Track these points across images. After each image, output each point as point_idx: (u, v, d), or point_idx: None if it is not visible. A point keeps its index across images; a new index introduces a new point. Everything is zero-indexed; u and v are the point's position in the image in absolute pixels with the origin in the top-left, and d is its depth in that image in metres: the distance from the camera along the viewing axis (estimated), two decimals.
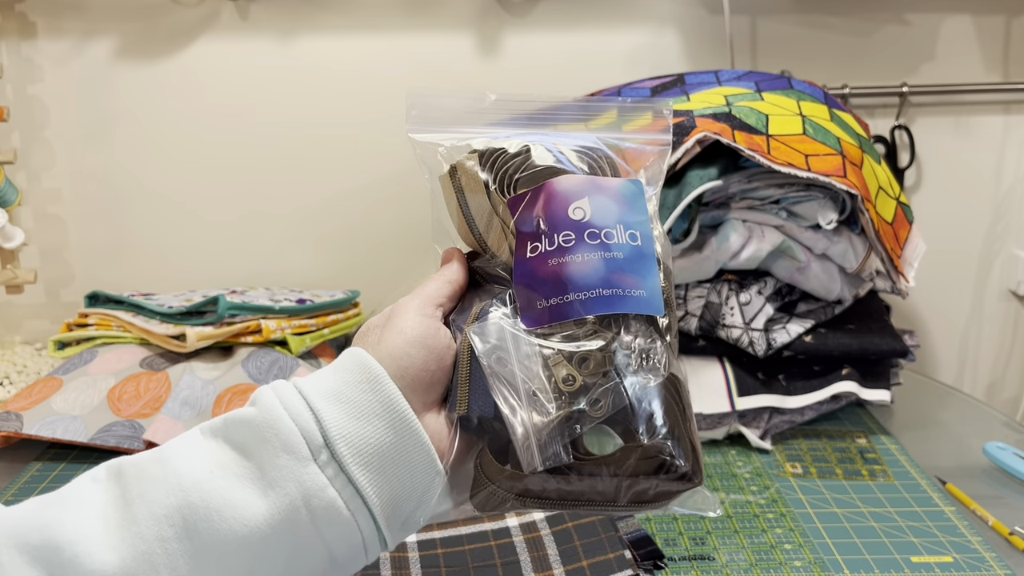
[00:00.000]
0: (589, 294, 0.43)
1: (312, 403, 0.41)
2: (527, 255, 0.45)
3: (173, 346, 0.83)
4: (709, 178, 0.73)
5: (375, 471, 0.41)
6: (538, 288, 0.44)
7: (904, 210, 0.82)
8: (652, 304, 0.44)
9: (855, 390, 0.78)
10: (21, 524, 0.38)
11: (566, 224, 0.45)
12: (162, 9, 1.03)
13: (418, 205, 1.09)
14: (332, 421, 0.41)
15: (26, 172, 1.07)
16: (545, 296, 0.44)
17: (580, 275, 0.44)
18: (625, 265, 0.44)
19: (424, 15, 1.04)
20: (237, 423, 0.41)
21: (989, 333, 1.15)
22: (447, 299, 0.47)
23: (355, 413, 0.41)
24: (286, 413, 0.41)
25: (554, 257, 0.44)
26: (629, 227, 0.45)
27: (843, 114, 0.83)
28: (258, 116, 1.06)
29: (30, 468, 0.74)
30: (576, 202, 0.45)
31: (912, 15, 1.05)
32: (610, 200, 0.46)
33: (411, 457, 0.42)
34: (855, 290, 0.83)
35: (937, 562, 0.59)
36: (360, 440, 0.41)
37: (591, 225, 0.45)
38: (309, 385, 0.42)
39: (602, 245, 0.44)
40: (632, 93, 0.88)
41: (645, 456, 0.42)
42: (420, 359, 0.43)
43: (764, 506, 0.67)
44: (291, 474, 0.39)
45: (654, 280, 0.45)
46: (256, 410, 0.42)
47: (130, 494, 0.39)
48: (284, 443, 0.40)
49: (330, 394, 0.42)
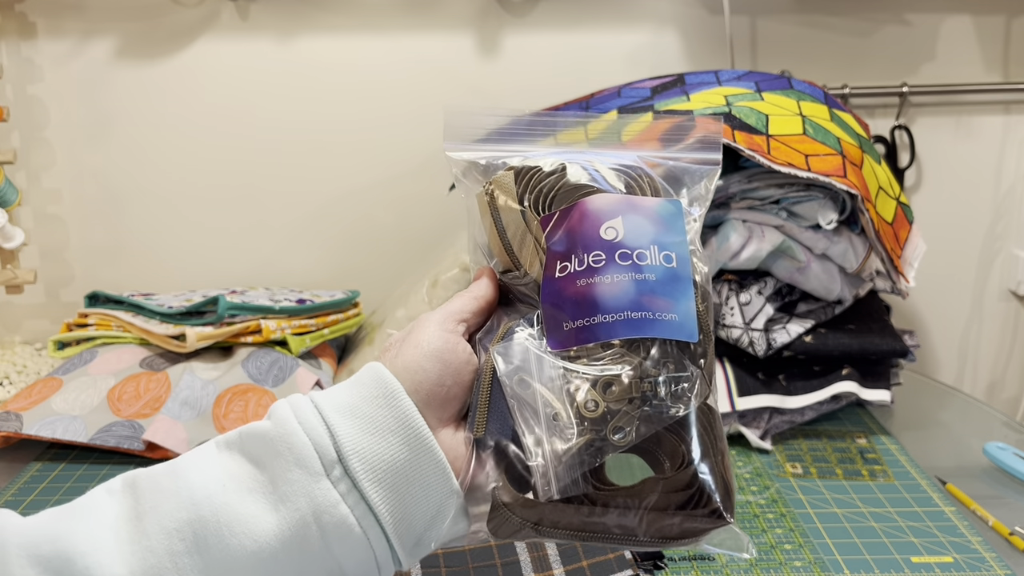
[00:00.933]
0: (617, 317, 0.42)
1: (327, 417, 0.41)
2: (555, 275, 0.44)
3: (173, 346, 0.83)
4: None
5: (388, 488, 0.40)
6: (565, 309, 0.43)
7: (904, 210, 0.82)
8: (684, 329, 0.42)
9: (855, 390, 0.78)
10: (35, 535, 0.38)
11: (597, 244, 0.43)
12: (162, 9, 1.03)
13: (418, 205, 1.09)
14: (346, 436, 0.40)
15: (26, 172, 1.07)
16: (571, 317, 0.42)
17: (608, 297, 0.42)
18: (657, 287, 0.42)
19: (424, 15, 1.04)
20: (252, 436, 0.41)
21: (989, 333, 1.15)
22: (472, 315, 0.46)
23: (370, 428, 0.41)
24: (300, 427, 0.40)
25: (582, 277, 0.43)
26: (664, 248, 0.43)
27: (843, 114, 0.83)
28: (258, 116, 1.06)
29: (30, 468, 0.74)
30: (609, 222, 0.44)
31: (912, 15, 1.05)
32: (645, 220, 0.44)
33: (425, 475, 0.41)
34: (855, 290, 0.83)
35: (937, 562, 0.59)
36: (374, 456, 0.40)
37: (623, 245, 0.43)
38: (325, 399, 0.42)
39: (633, 266, 0.42)
40: (632, 93, 0.88)
41: (670, 489, 0.40)
42: (435, 373, 0.42)
43: (764, 506, 0.67)
44: (302, 489, 0.39)
45: (688, 304, 0.43)
46: (271, 424, 0.41)
47: (142, 507, 0.39)
48: (297, 457, 0.40)
49: (346, 409, 0.41)
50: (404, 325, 0.87)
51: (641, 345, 0.42)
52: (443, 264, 0.90)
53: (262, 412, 0.78)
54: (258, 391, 0.80)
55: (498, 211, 0.47)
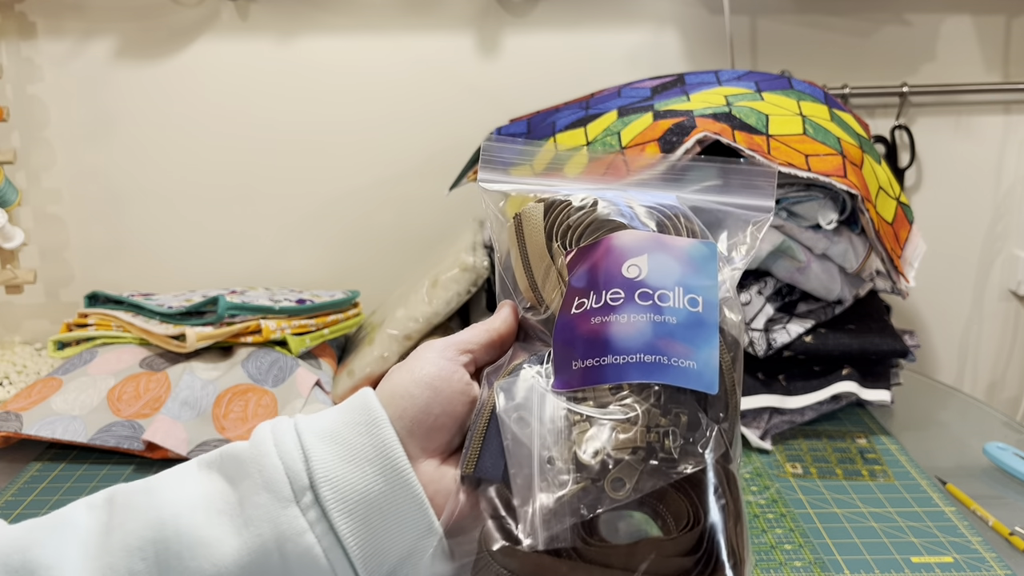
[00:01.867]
0: (628, 359, 0.39)
1: (304, 442, 0.39)
2: (571, 311, 0.41)
3: (173, 346, 0.83)
4: None
5: (359, 520, 0.38)
6: (575, 347, 0.40)
7: (904, 210, 0.82)
8: (703, 379, 0.39)
9: (855, 390, 0.78)
10: (8, 543, 0.37)
11: (617, 281, 0.41)
12: (162, 9, 1.03)
13: (418, 205, 1.09)
14: (321, 462, 0.39)
15: (26, 172, 1.07)
16: (580, 356, 0.40)
17: (622, 337, 0.39)
18: (677, 331, 0.39)
19: (424, 15, 1.04)
20: (229, 456, 0.40)
21: (989, 333, 1.15)
22: (479, 347, 0.44)
23: (347, 456, 0.39)
24: (275, 449, 0.39)
25: (598, 315, 0.40)
26: (690, 291, 0.40)
27: (843, 114, 0.83)
28: (258, 116, 1.06)
29: (30, 468, 0.74)
30: (633, 259, 0.41)
31: (912, 15, 1.05)
32: (673, 260, 0.41)
33: (400, 508, 0.39)
34: (855, 290, 0.83)
35: (937, 562, 0.59)
36: (347, 485, 0.38)
37: (644, 284, 0.40)
38: (308, 423, 0.41)
39: (653, 307, 0.40)
40: (632, 93, 0.88)
41: (672, 553, 0.36)
42: (423, 400, 0.41)
43: (764, 506, 0.67)
44: (267, 514, 0.38)
45: (711, 352, 0.39)
46: (248, 444, 0.40)
47: (113, 522, 0.38)
48: (266, 480, 0.38)
49: (326, 434, 0.40)
50: (404, 325, 0.87)
51: (653, 392, 0.39)
52: (443, 264, 0.90)
53: (262, 412, 0.78)
54: (258, 391, 0.80)
55: (524, 243, 0.45)
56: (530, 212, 0.46)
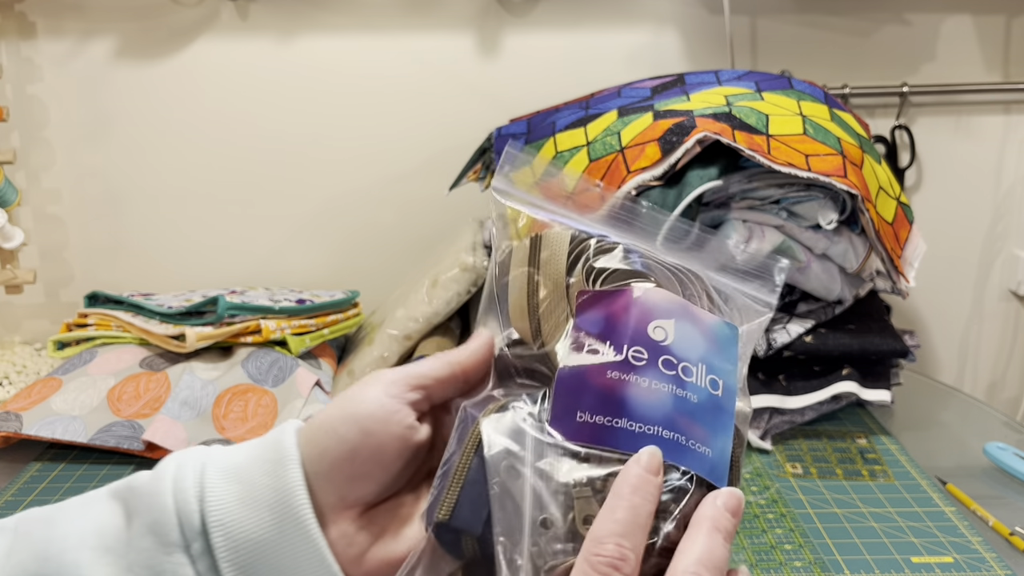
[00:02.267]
0: (645, 428, 0.35)
1: (206, 479, 0.35)
2: (581, 355, 0.36)
3: (173, 346, 0.83)
4: (709, 178, 0.73)
5: (248, 573, 0.34)
6: (583, 397, 0.35)
7: (904, 210, 0.82)
8: (716, 470, 0.36)
9: (855, 390, 0.78)
10: None
11: (642, 340, 0.37)
12: (162, 9, 1.03)
13: (418, 205, 1.09)
14: (217, 504, 0.34)
15: (25, 172, 1.07)
16: (589, 409, 0.35)
17: (642, 403, 0.35)
18: (697, 412, 0.36)
19: (424, 15, 1.04)
20: (130, 488, 0.36)
21: (989, 333, 1.15)
22: (436, 382, 0.39)
23: (247, 498, 0.35)
24: (171, 487, 0.35)
25: (616, 370, 0.36)
26: (712, 371, 0.37)
27: (843, 114, 0.82)
28: (257, 116, 1.06)
29: (29, 468, 0.74)
30: (660, 320, 0.37)
31: (912, 15, 1.05)
32: (699, 334, 0.38)
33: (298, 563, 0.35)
34: (855, 290, 0.83)
35: (937, 562, 0.59)
36: (241, 532, 0.34)
37: (670, 352, 0.37)
38: (219, 456, 0.36)
39: (677, 379, 0.36)
40: (632, 93, 0.88)
41: None
42: (350, 443, 0.36)
43: (764, 506, 0.67)
44: (149, 559, 0.34)
45: (725, 443, 0.36)
46: (149, 476, 0.36)
47: (12, 549, 0.35)
48: (153, 522, 0.34)
49: (231, 470, 0.36)
50: (404, 325, 0.87)
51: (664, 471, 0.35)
52: (443, 264, 0.90)
53: (262, 412, 0.78)
54: (258, 391, 0.80)
55: (538, 268, 0.41)
56: (553, 237, 0.41)
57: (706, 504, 0.34)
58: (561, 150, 0.81)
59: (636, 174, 0.74)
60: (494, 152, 0.89)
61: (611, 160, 0.76)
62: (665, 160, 0.73)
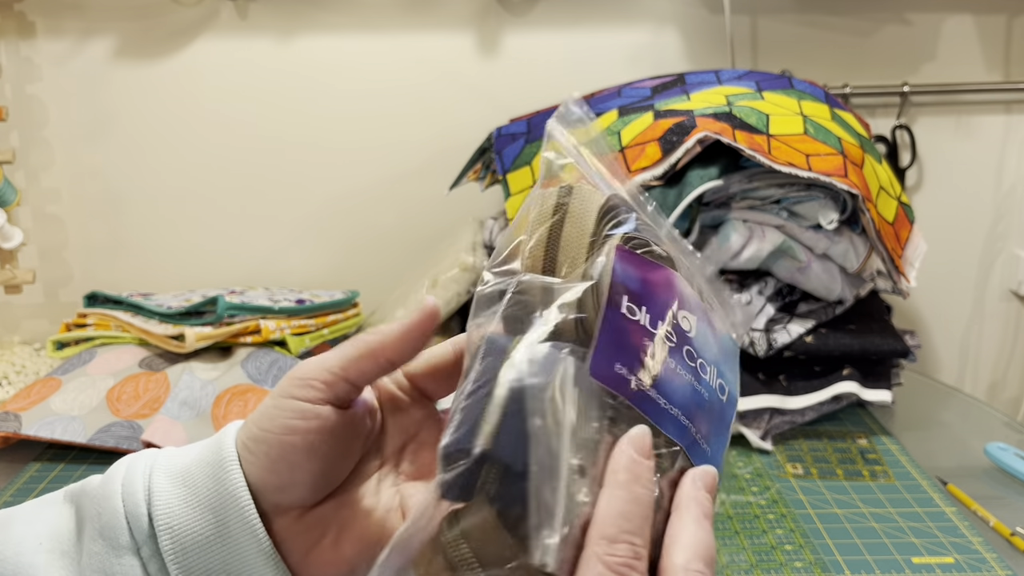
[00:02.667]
0: (669, 408, 0.34)
1: (153, 483, 0.35)
2: (622, 310, 0.34)
3: (172, 346, 0.83)
4: (710, 178, 0.73)
5: (197, 574, 0.34)
6: (624, 352, 0.33)
7: (905, 210, 0.82)
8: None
9: (856, 390, 0.78)
10: None
11: (673, 323, 0.36)
12: (161, 9, 1.03)
13: (418, 205, 1.09)
14: (164, 507, 0.34)
15: (25, 172, 1.07)
16: (629, 367, 0.33)
17: (669, 382, 0.34)
18: (707, 408, 0.36)
19: (424, 15, 1.04)
20: (83, 491, 0.36)
21: (990, 333, 1.15)
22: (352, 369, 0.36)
23: (193, 500, 0.35)
24: (120, 491, 0.35)
25: (651, 341, 0.34)
26: (720, 376, 0.37)
27: (844, 114, 0.82)
28: (257, 115, 1.06)
29: (29, 468, 0.74)
30: (686, 312, 0.37)
31: (913, 15, 1.05)
32: (712, 337, 0.38)
33: (246, 562, 0.35)
34: (856, 290, 0.83)
35: (938, 563, 0.59)
36: (188, 535, 0.34)
37: (692, 344, 0.36)
38: (168, 458, 0.36)
39: (696, 372, 0.36)
40: (632, 93, 0.88)
41: None
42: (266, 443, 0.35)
43: (765, 507, 0.67)
44: (100, 563, 0.34)
45: (721, 447, 0.36)
46: (101, 479, 0.36)
47: None
48: (103, 526, 0.34)
49: (178, 472, 0.36)
50: None
51: (674, 457, 0.34)
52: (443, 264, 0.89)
53: None
54: (257, 391, 0.80)
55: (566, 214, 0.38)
56: (589, 193, 0.39)
57: (687, 484, 0.33)
58: None
59: (636, 174, 0.74)
60: (494, 152, 0.88)
61: None
62: (665, 160, 0.73)
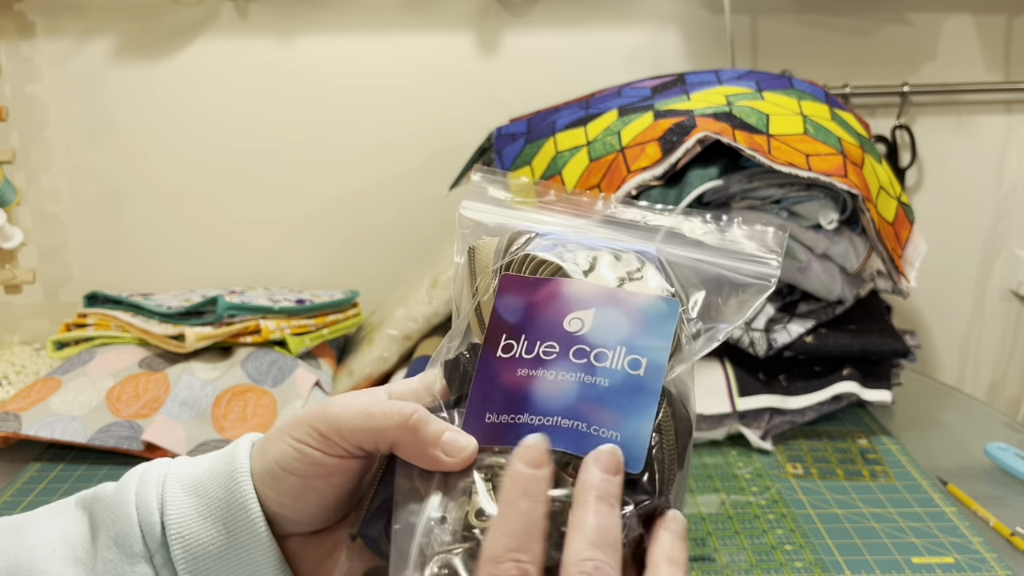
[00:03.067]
0: (544, 420, 0.34)
1: (167, 491, 0.36)
2: (497, 352, 0.37)
3: (172, 346, 0.83)
4: (710, 178, 0.73)
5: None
6: (493, 397, 0.36)
7: (905, 210, 0.82)
8: (626, 454, 0.34)
9: (856, 390, 0.78)
10: None
11: (556, 334, 0.37)
12: (161, 9, 1.03)
13: (418, 205, 1.09)
14: (177, 516, 0.35)
15: (25, 172, 1.07)
16: (497, 409, 0.36)
17: (544, 396, 0.35)
18: (606, 396, 0.35)
19: (424, 15, 1.04)
20: (96, 498, 0.37)
21: (990, 333, 1.15)
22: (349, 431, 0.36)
23: (204, 510, 0.35)
24: (134, 498, 0.36)
25: (526, 367, 0.36)
26: (633, 351, 0.36)
27: (844, 113, 0.82)
28: (257, 115, 1.06)
29: (29, 469, 0.73)
30: (578, 312, 0.37)
31: (913, 15, 1.05)
32: (623, 316, 0.37)
33: (257, 572, 0.36)
34: (856, 290, 0.83)
35: (938, 563, 0.59)
36: (199, 545, 0.35)
37: (583, 341, 0.36)
38: (181, 467, 0.37)
39: (587, 366, 0.36)
40: (632, 93, 0.88)
41: None
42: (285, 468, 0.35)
43: (765, 507, 0.67)
44: (115, 570, 0.34)
45: (641, 424, 0.35)
46: (115, 487, 0.37)
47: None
48: (118, 533, 0.35)
49: (191, 482, 0.36)
50: (404, 325, 0.86)
51: (571, 463, 0.34)
52: (443, 264, 0.89)
53: (261, 412, 0.78)
54: (257, 391, 0.80)
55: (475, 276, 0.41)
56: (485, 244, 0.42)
57: (584, 472, 0.33)
58: (561, 150, 0.81)
59: (636, 174, 0.74)
60: (494, 152, 0.88)
61: (611, 160, 0.76)
62: (665, 160, 0.73)
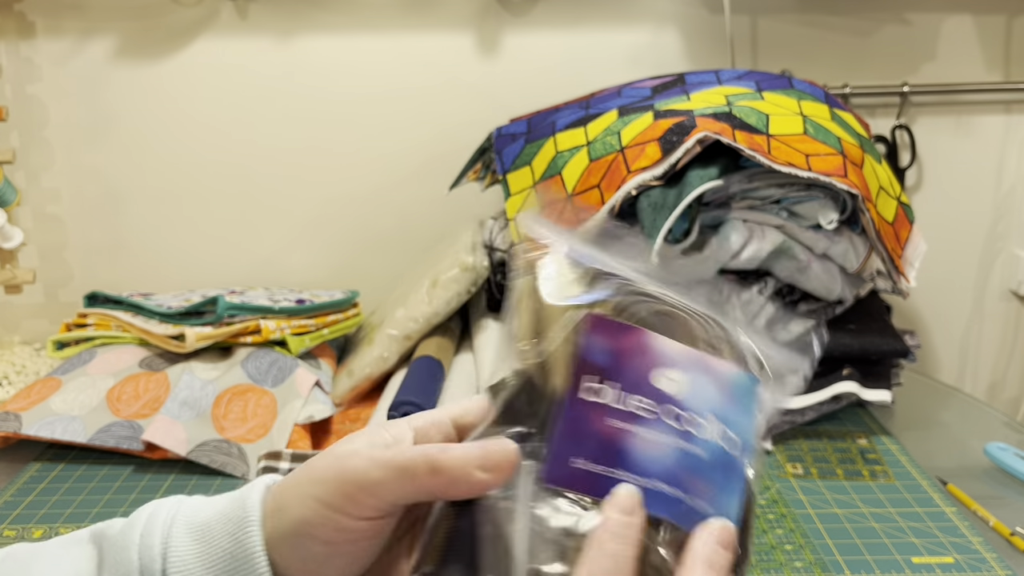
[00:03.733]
0: (645, 481, 0.33)
1: (171, 536, 0.35)
2: (582, 395, 0.34)
3: (172, 346, 0.83)
4: (709, 178, 0.73)
5: None
6: (581, 441, 0.34)
7: (905, 210, 0.82)
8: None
9: (856, 390, 0.78)
10: None
11: (647, 390, 0.35)
12: (161, 9, 1.03)
13: (418, 205, 1.09)
14: (179, 563, 0.34)
15: (25, 172, 1.07)
16: (585, 456, 0.33)
17: (644, 454, 0.34)
18: (704, 469, 0.34)
19: (424, 15, 1.04)
20: (104, 535, 0.36)
21: (990, 333, 1.15)
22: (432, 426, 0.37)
23: (208, 558, 0.34)
24: (138, 541, 0.35)
25: (618, 419, 0.34)
26: (727, 423, 0.36)
27: (844, 113, 0.82)
28: (257, 115, 1.06)
29: (29, 469, 0.74)
30: (670, 371, 0.35)
31: (913, 14, 1.05)
32: (713, 386, 0.36)
33: None
34: (856, 290, 0.83)
35: (938, 563, 0.59)
36: None
37: (679, 405, 0.35)
38: (191, 508, 0.36)
39: (684, 434, 0.34)
40: (632, 93, 0.88)
41: None
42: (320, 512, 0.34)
43: (765, 507, 0.67)
44: None
45: (731, 502, 0.34)
46: (122, 525, 0.36)
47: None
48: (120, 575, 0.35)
49: (198, 526, 0.35)
50: (404, 325, 0.86)
51: (661, 527, 0.33)
52: (443, 264, 0.89)
53: (262, 412, 0.78)
54: (257, 391, 0.80)
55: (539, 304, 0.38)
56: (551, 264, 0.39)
57: (697, 540, 0.32)
58: (561, 150, 0.81)
59: (636, 174, 0.74)
60: (494, 152, 0.88)
61: (611, 160, 0.76)
62: (665, 160, 0.73)
